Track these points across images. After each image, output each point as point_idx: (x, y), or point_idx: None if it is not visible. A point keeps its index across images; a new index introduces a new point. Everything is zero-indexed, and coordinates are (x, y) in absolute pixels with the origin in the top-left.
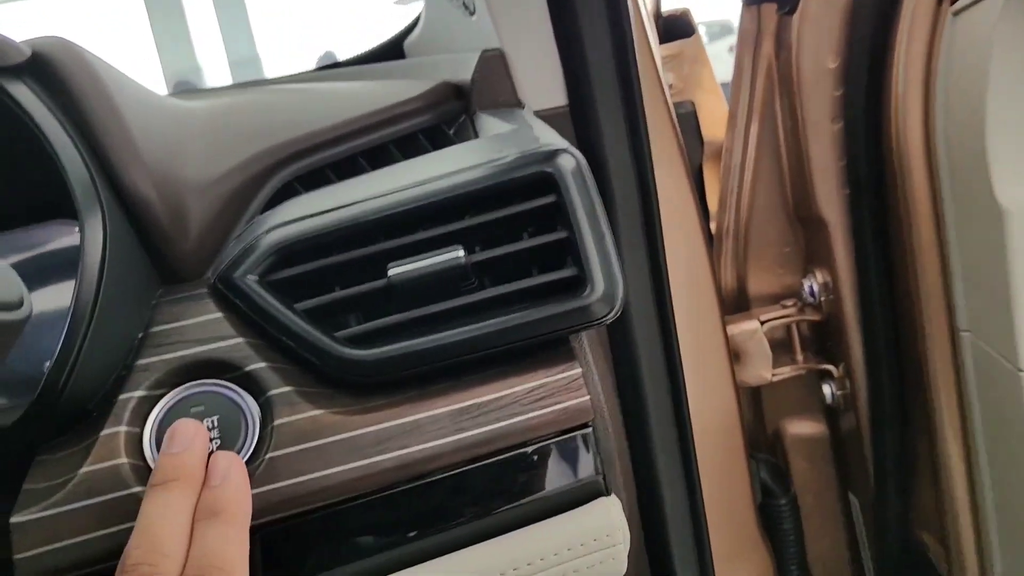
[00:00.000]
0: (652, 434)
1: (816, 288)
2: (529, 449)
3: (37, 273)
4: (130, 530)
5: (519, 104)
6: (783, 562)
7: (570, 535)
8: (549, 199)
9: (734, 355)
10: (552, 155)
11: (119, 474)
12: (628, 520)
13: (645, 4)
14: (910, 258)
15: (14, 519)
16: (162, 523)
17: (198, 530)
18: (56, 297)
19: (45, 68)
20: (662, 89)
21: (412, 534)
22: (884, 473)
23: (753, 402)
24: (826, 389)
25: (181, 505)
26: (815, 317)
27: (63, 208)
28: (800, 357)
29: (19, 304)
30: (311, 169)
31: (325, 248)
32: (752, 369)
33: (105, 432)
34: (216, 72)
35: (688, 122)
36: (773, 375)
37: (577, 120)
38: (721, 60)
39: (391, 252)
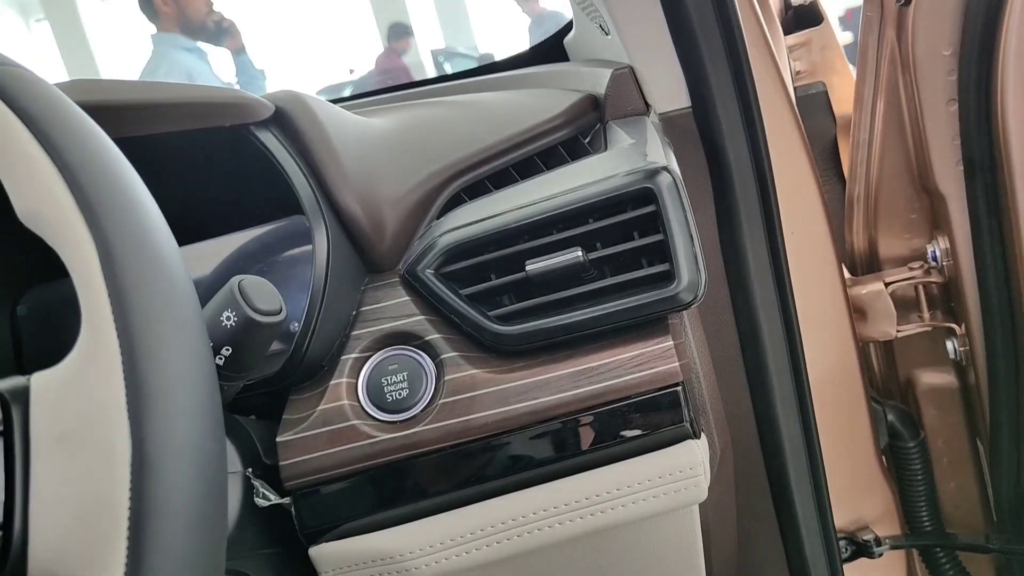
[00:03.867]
0: (770, 380)
1: (939, 253)
2: (630, 402)
3: (283, 263)
4: (350, 450)
5: (646, 111)
6: (912, 499)
7: (660, 466)
8: (650, 208)
9: (861, 313)
10: (654, 173)
11: (343, 411)
12: (748, 452)
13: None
14: (1017, 230)
15: (279, 439)
16: None
17: None
18: (292, 278)
19: (283, 120)
20: (780, 80)
21: (538, 462)
22: (998, 425)
23: (887, 354)
24: (949, 345)
25: None
26: (939, 279)
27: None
28: (927, 315)
29: (279, 311)
30: (475, 181)
31: (481, 248)
32: (878, 326)
33: (333, 382)
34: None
35: (819, 101)
36: (898, 331)
37: (699, 117)
38: None
39: (529, 251)
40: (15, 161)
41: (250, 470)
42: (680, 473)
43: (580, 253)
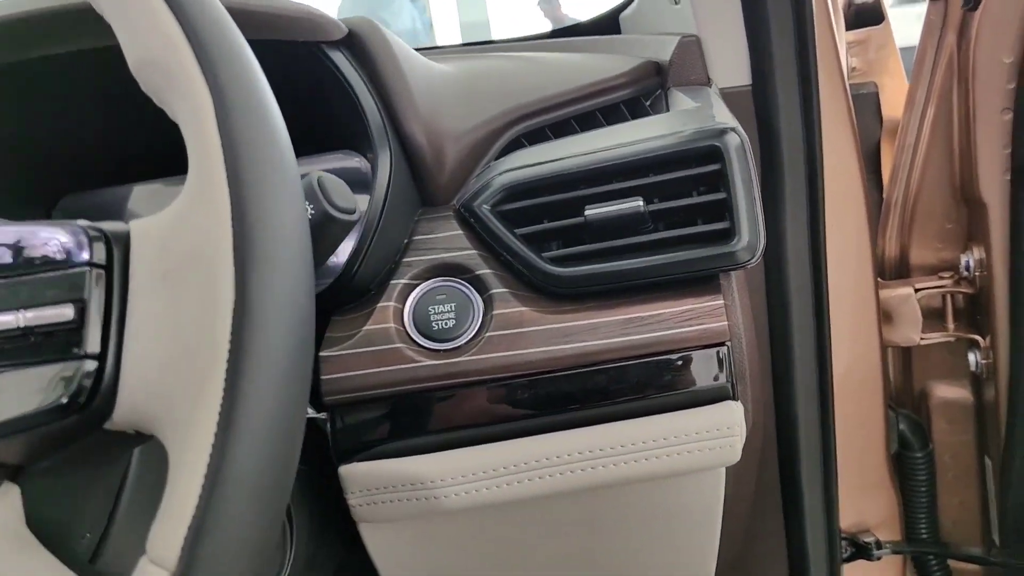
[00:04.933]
0: (794, 367)
1: (972, 263)
2: (676, 355)
3: None
4: (391, 372)
5: (708, 82)
6: (913, 508)
7: (699, 422)
8: (715, 167)
9: (886, 316)
10: (722, 132)
11: (388, 333)
12: (764, 438)
13: None
14: None
15: (321, 353)
16: None
17: None
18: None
19: (357, 42)
20: (840, 72)
21: (578, 406)
22: (1013, 435)
23: (904, 363)
24: (971, 357)
25: None
26: (968, 290)
27: (348, 143)
28: (951, 325)
29: (354, 211)
30: (535, 128)
31: (540, 190)
32: (902, 330)
33: (380, 304)
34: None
35: (869, 102)
36: (922, 339)
37: (757, 97)
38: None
39: (588, 197)
40: (136, 11)
41: None
42: (717, 431)
43: (641, 203)
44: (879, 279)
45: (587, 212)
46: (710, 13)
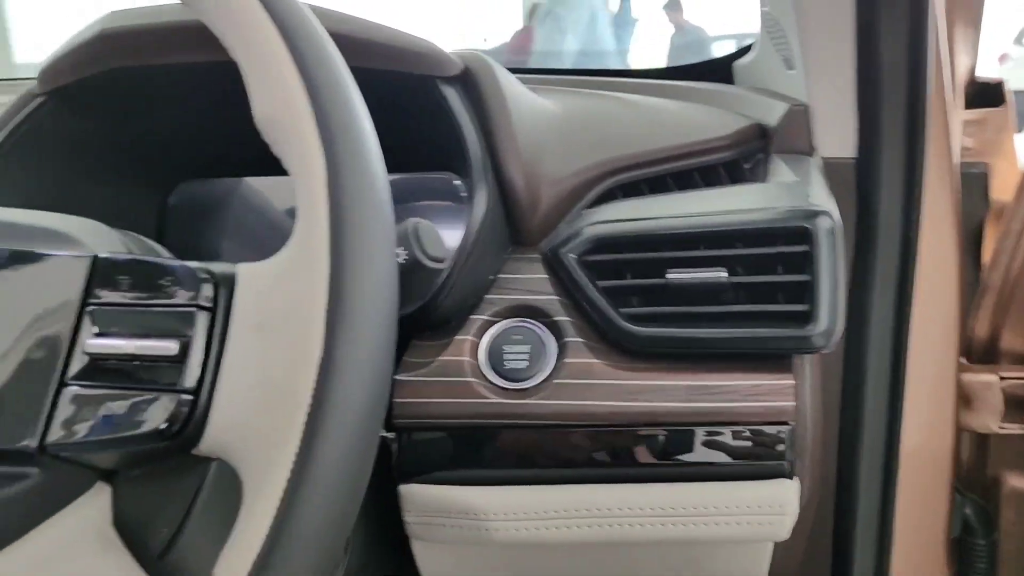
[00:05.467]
0: (862, 444)
1: None
2: (738, 428)
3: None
4: (460, 404)
5: (811, 151)
6: None
7: (752, 496)
8: (803, 248)
9: (967, 400)
10: (814, 214)
11: (462, 366)
12: (819, 510)
13: (953, 69)
14: None
15: (396, 377)
16: None
17: None
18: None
19: (470, 79)
20: (949, 153)
21: (636, 463)
22: None
23: (979, 447)
24: None
25: None
26: None
27: (449, 167)
28: None
29: (443, 259)
30: (631, 181)
31: (627, 246)
32: (980, 417)
33: (458, 337)
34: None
35: (978, 182)
36: (1000, 427)
37: (861, 171)
38: None
39: (673, 260)
40: (266, 65)
41: None
42: (769, 508)
43: (725, 274)
44: (965, 361)
45: (668, 275)
46: (823, 83)
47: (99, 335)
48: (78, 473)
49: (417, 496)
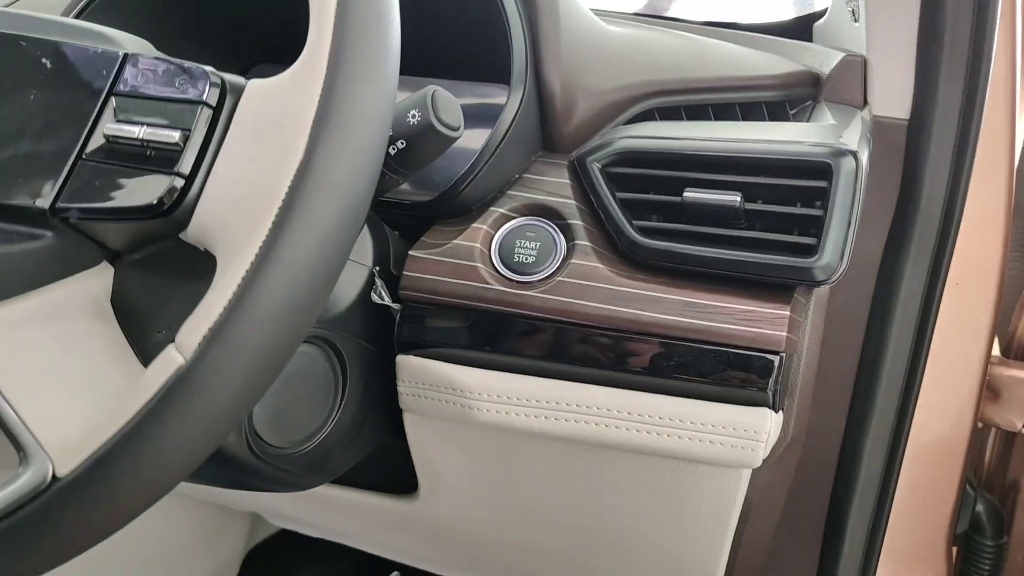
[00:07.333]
0: (872, 413)
1: None
2: (727, 350)
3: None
4: (464, 286)
5: (862, 106)
6: None
7: (727, 417)
8: (822, 184)
9: (995, 394)
10: (840, 153)
11: (472, 251)
12: (816, 472)
13: None
14: None
15: (411, 252)
16: None
17: None
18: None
19: None
20: (1011, 128)
21: (620, 367)
22: None
23: (1004, 447)
24: None
25: None
26: None
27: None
28: None
29: (458, 128)
30: (671, 105)
31: (650, 162)
32: (1005, 412)
33: (475, 225)
34: None
35: None
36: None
37: (911, 134)
38: None
39: (693, 181)
40: None
41: (377, 268)
42: (744, 432)
43: (739, 199)
44: (1003, 357)
45: (686, 193)
46: (883, 36)
47: (118, 121)
48: (86, 247)
49: (411, 367)
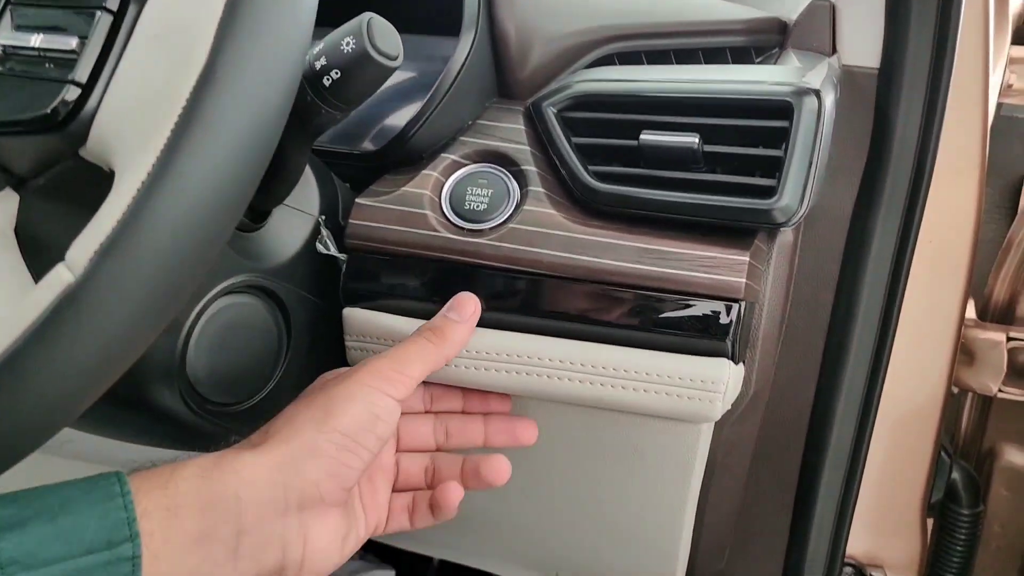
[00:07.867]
0: (843, 374)
1: None
2: (683, 297)
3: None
4: (412, 234)
5: (831, 53)
6: (940, 567)
7: (685, 368)
8: (783, 123)
9: (970, 357)
10: (802, 92)
11: (422, 199)
12: (785, 433)
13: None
14: None
15: (357, 199)
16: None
17: None
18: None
19: None
20: (984, 82)
21: (573, 317)
22: None
23: (980, 414)
24: None
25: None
26: None
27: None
28: None
29: (396, 57)
30: (631, 51)
31: (607, 106)
32: (980, 376)
33: (425, 172)
34: None
35: (1020, 128)
36: (1000, 391)
37: (881, 84)
38: None
39: (650, 124)
40: None
41: (323, 218)
42: (701, 383)
43: (696, 140)
44: (977, 319)
45: (642, 136)
46: None
47: (16, 29)
48: None
49: (358, 320)
